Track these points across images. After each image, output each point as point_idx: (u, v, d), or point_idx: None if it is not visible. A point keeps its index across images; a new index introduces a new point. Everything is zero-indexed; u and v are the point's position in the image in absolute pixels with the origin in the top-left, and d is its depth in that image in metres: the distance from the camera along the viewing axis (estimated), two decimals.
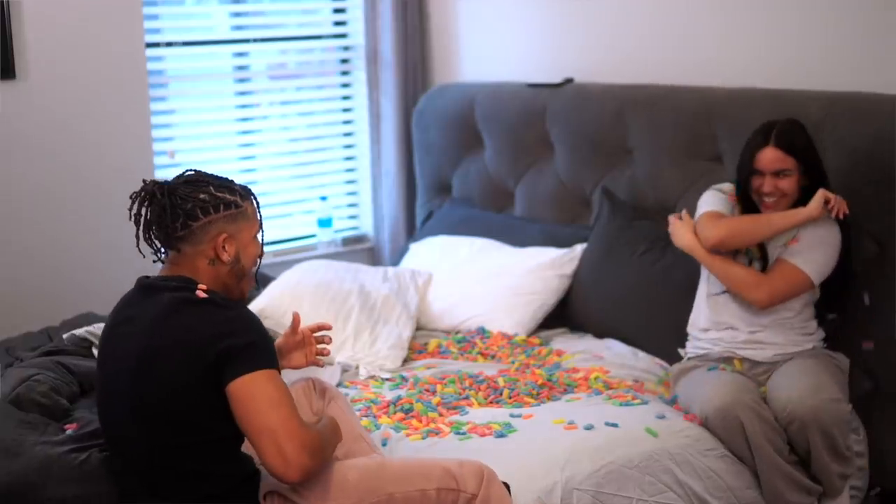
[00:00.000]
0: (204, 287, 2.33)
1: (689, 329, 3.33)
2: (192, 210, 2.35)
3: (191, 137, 4.46)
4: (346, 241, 4.81)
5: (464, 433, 2.86)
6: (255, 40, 4.58)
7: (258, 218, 2.46)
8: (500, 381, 3.27)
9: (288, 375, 3.50)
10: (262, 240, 2.51)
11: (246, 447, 2.38)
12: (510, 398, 3.16)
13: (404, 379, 3.37)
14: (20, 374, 2.95)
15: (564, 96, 4.12)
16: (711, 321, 3.23)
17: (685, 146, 3.70)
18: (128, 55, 4.02)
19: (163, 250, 2.42)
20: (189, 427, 2.28)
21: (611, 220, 3.80)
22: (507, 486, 2.51)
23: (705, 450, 2.95)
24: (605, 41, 4.18)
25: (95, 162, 4.00)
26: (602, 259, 3.77)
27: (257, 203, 2.47)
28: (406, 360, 3.60)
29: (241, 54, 4.59)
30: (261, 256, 2.48)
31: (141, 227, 2.39)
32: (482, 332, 3.80)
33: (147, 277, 2.43)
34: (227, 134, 4.57)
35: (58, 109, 3.89)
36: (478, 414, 3.01)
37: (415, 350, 3.72)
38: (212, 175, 2.43)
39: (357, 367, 3.50)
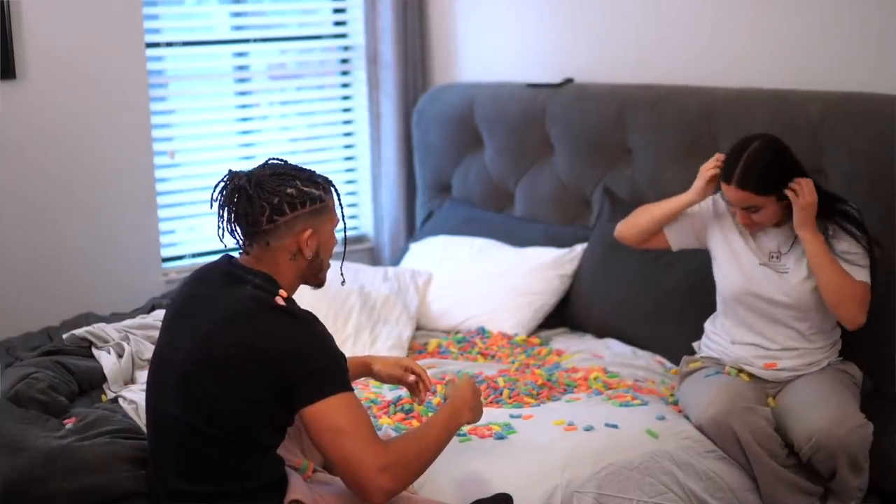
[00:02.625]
0: (284, 294, 2.31)
1: (707, 327, 3.28)
2: (280, 205, 2.33)
3: (191, 137, 4.46)
4: (346, 241, 4.81)
5: (464, 434, 2.85)
6: (255, 40, 4.57)
7: (338, 211, 2.45)
8: (500, 382, 3.27)
9: None
10: (345, 231, 2.54)
11: (282, 448, 2.41)
12: (510, 398, 3.16)
13: None
14: (19, 372, 2.96)
15: (564, 96, 4.12)
16: (735, 335, 3.16)
17: (686, 146, 3.69)
18: (128, 55, 4.02)
19: (245, 242, 2.38)
20: (230, 425, 2.27)
21: (611, 219, 3.80)
22: (509, 496, 2.52)
23: (706, 451, 2.94)
24: (606, 41, 4.18)
25: (95, 162, 4.00)
26: (602, 259, 3.77)
27: (338, 195, 2.46)
28: None
29: (241, 54, 4.59)
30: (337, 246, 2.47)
31: (225, 220, 2.36)
32: (482, 332, 3.80)
33: (230, 259, 2.40)
34: (227, 134, 4.57)
35: (58, 109, 3.89)
36: None
37: (415, 350, 3.72)
38: (296, 167, 2.42)
39: None
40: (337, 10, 4.79)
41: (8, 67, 3.74)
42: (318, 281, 2.47)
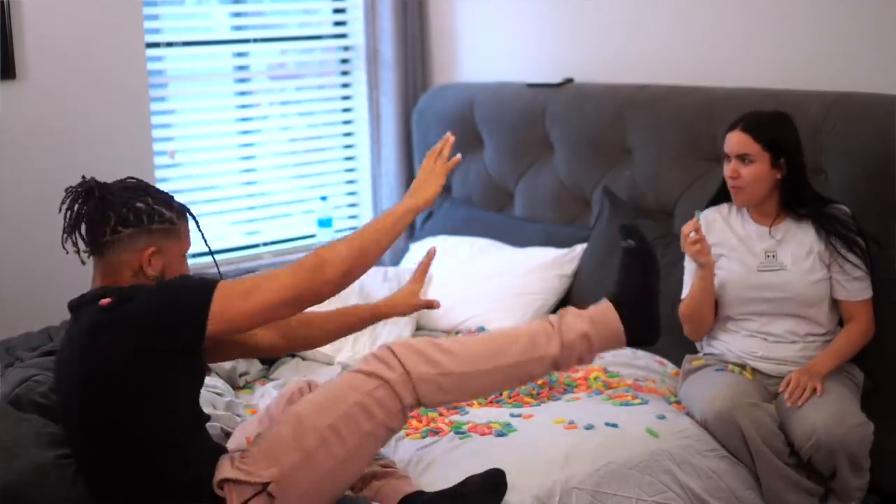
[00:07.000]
0: (107, 301, 2.28)
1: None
2: (126, 216, 2.33)
3: (191, 137, 4.46)
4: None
5: (464, 432, 2.86)
6: (255, 40, 4.58)
7: (191, 239, 2.45)
8: None
9: (287, 377, 3.50)
10: (212, 254, 2.54)
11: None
12: (510, 398, 3.16)
13: None
14: (20, 374, 2.95)
15: (564, 96, 4.12)
16: (739, 327, 3.19)
17: (685, 146, 3.70)
18: (128, 55, 4.02)
19: (86, 252, 2.38)
20: (122, 437, 2.29)
21: (611, 219, 3.80)
22: (501, 472, 2.54)
23: (705, 450, 2.94)
24: (605, 41, 4.18)
25: (95, 162, 3.99)
26: (602, 259, 3.77)
27: (196, 222, 2.46)
28: None
29: (241, 54, 4.59)
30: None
31: (67, 224, 2.36)
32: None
33: (77, 299, 2.41)
34: (227, 134, 4.58)
35: (58, 109, 3.89)
36: (478, 414, 3.01)
37: None
38: (153, 187, 2.42)
39: None
40: (337, 10, 4.80)
41: (8, 67, 3.74)
42: None
